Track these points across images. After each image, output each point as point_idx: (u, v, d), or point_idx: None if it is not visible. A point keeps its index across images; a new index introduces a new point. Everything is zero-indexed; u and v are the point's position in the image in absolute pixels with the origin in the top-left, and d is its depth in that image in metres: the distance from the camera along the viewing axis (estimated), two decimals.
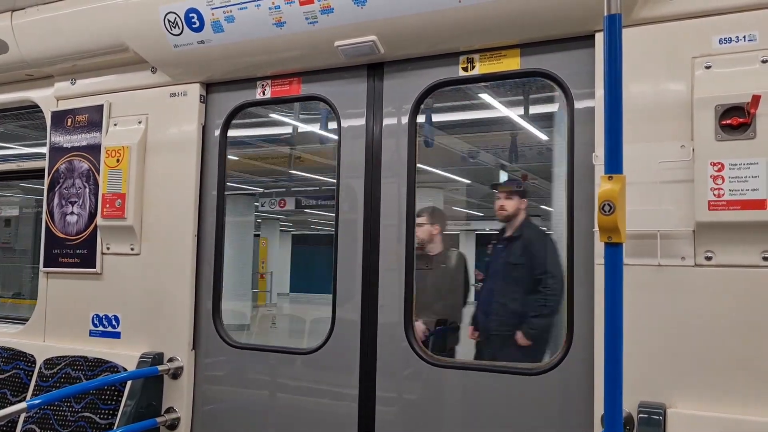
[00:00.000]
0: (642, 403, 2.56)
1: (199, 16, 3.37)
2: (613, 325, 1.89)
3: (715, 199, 2.48)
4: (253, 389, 3.57)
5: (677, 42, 2.66)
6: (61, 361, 3.85)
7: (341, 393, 3.31)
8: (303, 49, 3.33)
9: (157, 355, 3.64)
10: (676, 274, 2.57)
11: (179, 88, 3.76)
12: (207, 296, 3.70)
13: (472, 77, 3.18)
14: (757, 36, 2.53)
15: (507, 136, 7.75)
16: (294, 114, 7.24)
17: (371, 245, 3.30)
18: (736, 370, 2.46)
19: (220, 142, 3.74)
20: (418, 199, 3.29)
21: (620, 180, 1.88)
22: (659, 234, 2.59)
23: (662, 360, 2.57)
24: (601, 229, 1.90)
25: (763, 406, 2.41)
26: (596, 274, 2.71)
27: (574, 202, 2.89)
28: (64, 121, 4.06)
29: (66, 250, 4.01)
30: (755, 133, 2.43)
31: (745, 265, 2.47)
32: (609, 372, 1.90)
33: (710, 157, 2.49)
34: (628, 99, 2.66)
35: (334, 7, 3.09)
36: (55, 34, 3.89)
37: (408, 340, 3.19)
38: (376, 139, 3.35)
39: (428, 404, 3.15)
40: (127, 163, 3.77)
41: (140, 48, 3.65)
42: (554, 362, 2.90)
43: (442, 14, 2.94)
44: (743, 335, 2.45)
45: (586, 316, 2.79)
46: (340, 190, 3.43)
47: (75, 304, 3.97)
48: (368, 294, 3.29)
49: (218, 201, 3.72)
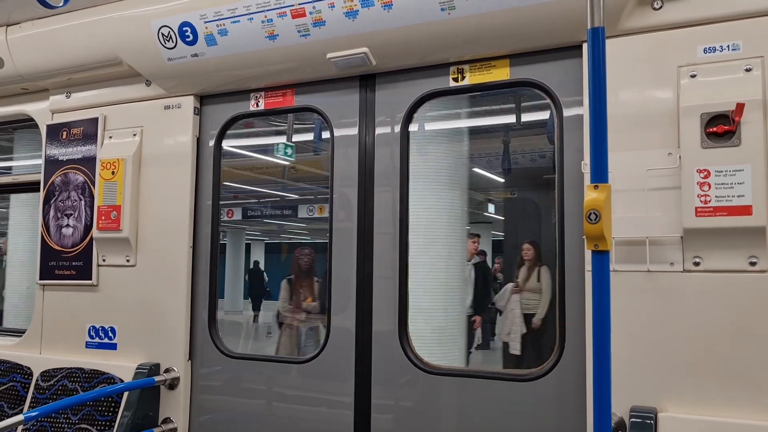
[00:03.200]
0: (634, 407, 2.59)
1: (192, 29, 3.41)
2: (600, 330, 1.92)
3: (702, 206, 2.52)
4: (248, 399, 3.59)
5: (663, 51, 2.71)
6: (57, 373, 3.87)
7: (337, 401, 3.33)
8: (296, 61, 3.37)
9: (154, 366, 3.66)
10: (665, 280, 2.61)
11: (173, 100, 3.79)
12: (203, 307, 3.72)
13: (462, 87, 3.23)
14: (741, 45, 2.58)
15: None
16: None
17: (365, 254, 3.34)
18: (726, 374, 2.49)
19: (214, 154, 3.77)
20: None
21: (606, 189, 1.92)
22: (648, 240, 2.63)
23: (653, 365, 2.61)
24: (587, 238, 1.94)
25: (752, 409, 2.44)
26: (587, 280, 2.75)
27: (564, 210, 2.93)
28: (60, 134, 4.09)
29: (62, 263, 4.03)
30: (740, 141, 2.48)
31: (733, 270, 2.52)
32: (597, 377, 1.94)
33: (697, 165, 2.54)
34: (616, 108, 2.73)
35: (326, 19, 3.13)
36: (49, 49, 3.92)
37: (402, 348, 3.22)
38: (369, 148, 3.39)
39: (423, 411, 3.18)
40: (123, 176, 3.80)
41: (134, 61, 3.69)
42: (547, 368, 2.93)
43: (432, 26, 2.99)
44: (732, 339, 2.49)
45: (578, 322, 2.83)
46: (334, 200, 3.47)
47: (71, 316, 3.99)
48: (362, 302, 3.32)
49: (213, 212, 3.75)
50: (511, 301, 7.33)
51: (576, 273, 2.86)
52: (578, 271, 2.85)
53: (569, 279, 2.89)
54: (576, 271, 2.87)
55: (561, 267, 2.92)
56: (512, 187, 9.06)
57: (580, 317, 2.81)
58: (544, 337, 6.81)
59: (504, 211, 10.11)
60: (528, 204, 8.35)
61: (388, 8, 3.00)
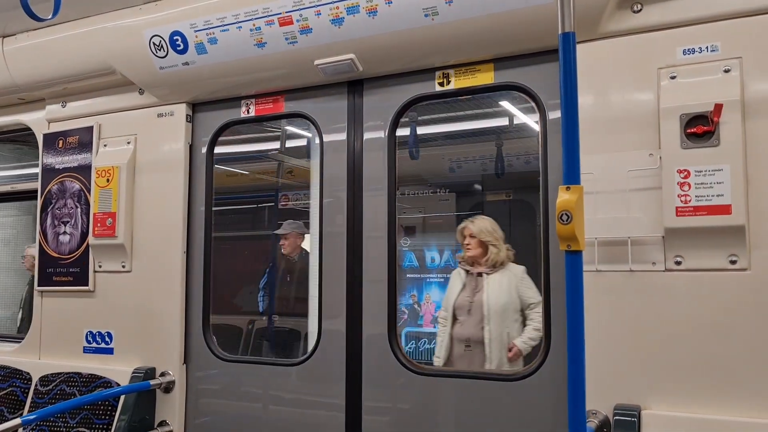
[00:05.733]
0: (618, 405, 2.62)
1: (183, 38, 3.47)
2: (574, 329, 1.96)
3: (682, 206, 2.55)
4: (242, 401, 3.64)
5: (643, 53, 2.74)
6: (56, 377, 3.92)
7: (328, 403, 3.37)
8: (284, 68, 3.42)
9: (150, 370, 3.71)
10: (648, 279, 2.64)
11: (166, 108, 3.85)
12: (197, 311, 3.77)
13: (448, 92, 3.27)
14: (719, 47, 2.61)
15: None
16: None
17: (354, 257, 3.38)
18: (708, 371, 2.52)
19: (206, 160, 3.82)
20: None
21: (578, 190, 1.95)
22: (630, 240, 2.66)
23: (636, 363, 2.63)
24: (560, 238, 1.97)
25: (734, 406, 2.47)
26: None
27: (549, 212, 2.96)
28: (56, 143, 4.16)
29: (59, 269, 4.09)
30: (719, 141, 2.51)
31: (714, 269, 2.54)
32: (572, 375, 1.97)
33: (677, 165, 2.57)
34: (597, 110, 2.77)
35: (312, 27, 3.18)
36: (45, 59, 3.99)
37: (392, 350, 3.25)
38: (358, 153, 3.43)
39: (413, 412, 3.21)
40: (117, 183, 3.86)
41: (127, 71, 3.75)
42: (533, 368, 2.96)
43: (416, 32, 3.03)
44: (713, 336, 2.52)
45: (563, 322, 2.86)
46: (323, 204, 3.51)
47: (69, 322, 4.05)
48: (353, 305, 3.36)
49: (206, 217, 3.80)
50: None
51: (561, 274, 2.89)
52: (562, 272, 2.87)
53: (554, 280, 2.93)
54: (561, 272, 2.89)
55: (546, 268, 2.95)
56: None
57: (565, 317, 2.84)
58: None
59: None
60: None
61: (373, 15, 3.05)
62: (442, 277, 4.08)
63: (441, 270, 4.13)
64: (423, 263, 5.29)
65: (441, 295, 3.99)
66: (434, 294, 4.02)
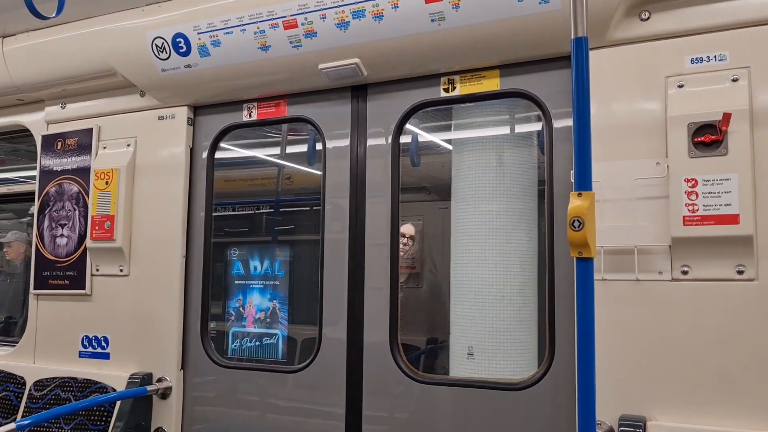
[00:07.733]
0: (623, 416, 2.59)
1: (186, 40, 3.44)
2: (585, 337, 1.93)
3: (689, 215, 2.53)
4: (240, 408, 3.59)
5: (651, 62, 2.73)
6: (50, 382, 3.87)
7: (328, 411, 3.33)
8: (288, 72, 3.40)
9: (146, 376, 3.66)
10: (654, 289, 2.62)
11: (167, 111, 3.82)
12: (195, 316, 3.72)
13: (453, 98, 3.25)
14: (728, 56, 2.60)
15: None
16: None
17: (356, 264, 3.34)
18: (714, 382, 2.49)
19: (207, 164, 3.79)
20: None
21: (589, 196, 1.93)
22: (636, 249, 2.64)
23: (642, 373, 2.61)
24: (571, 245, 1.95)
25: (740, 418, 2.44)
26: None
27: (554, 219, 2.94)
28: (55, 145, 4.12)
29: (56, 272, 4.04)
30: (727, 150, 2.49)
31: (721, 279, 2.52)
32: (582, 384, 1.94)
33: (684, 174, 2.55)
34: (605, 118, 2.75)
35: (317, 31, 3.16)
36: (45, 60, 3.96)
37: (394, 358, 3.21)
38: (361, 159, 3.41)
39: (415, 422, 3.17)
40: (116, 186, 3.82)
41: (128, 72, 3.72)
42: (537, 377, 2.93)
43: (422, 37, 3.01)
44: (720, 347, 2.49)
45: (568, 331, 2.83)
46: (326, 210, 3.48)
47: (65, 326, 3.99)
48: (354, 313, 3.32)
49: (206, 222, 3.76)
50: None
51: (565, 282, 2.87)
52: (568, 280, 2.85)
53: (558, 288, 2.90)
54: (565, 280, 2.87)
55: (551, 276, 2.93)
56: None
57: (569, 326, 2.81)
58: None
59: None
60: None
61: (379, 19, 3.03)
62: (261, 283, 4.26)
63: (261, 277, 4.30)
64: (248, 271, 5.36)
65: (261, 299, 4.15)
66: (255, 298, 4.23)
